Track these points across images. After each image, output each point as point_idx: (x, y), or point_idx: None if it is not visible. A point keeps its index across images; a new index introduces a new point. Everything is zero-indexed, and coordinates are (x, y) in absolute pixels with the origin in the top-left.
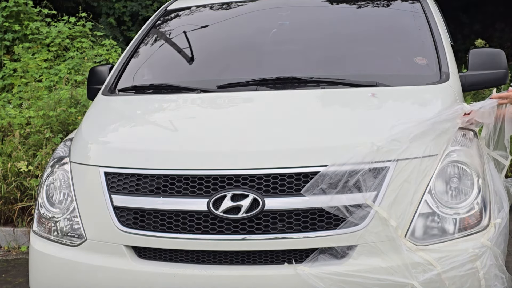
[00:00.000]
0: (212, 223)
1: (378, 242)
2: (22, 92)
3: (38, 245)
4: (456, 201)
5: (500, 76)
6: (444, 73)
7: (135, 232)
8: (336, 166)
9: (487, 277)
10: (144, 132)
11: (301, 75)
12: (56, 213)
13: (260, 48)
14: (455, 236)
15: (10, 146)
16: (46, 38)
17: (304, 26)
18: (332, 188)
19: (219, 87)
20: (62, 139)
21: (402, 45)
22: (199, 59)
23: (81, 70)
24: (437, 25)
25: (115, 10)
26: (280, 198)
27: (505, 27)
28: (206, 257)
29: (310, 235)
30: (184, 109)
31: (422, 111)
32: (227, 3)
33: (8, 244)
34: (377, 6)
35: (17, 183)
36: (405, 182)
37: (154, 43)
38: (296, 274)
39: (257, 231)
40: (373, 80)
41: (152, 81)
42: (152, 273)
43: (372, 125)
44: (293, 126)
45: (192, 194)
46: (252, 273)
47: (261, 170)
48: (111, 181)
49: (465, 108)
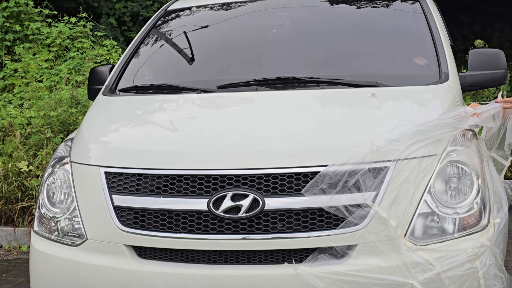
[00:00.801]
0: (212, 223)
1: (377, 242)
2: (23, 92)
3: (38, 245)
4: (455, 201)
5: (500, 76)
6: (443, 73)
7: (135, 232)
8: (336, 166)
9: (486, 277)
10: (145, 132)
11: (301, 75)
12: (57, 213)
13: (260, 48)
14: (454, 236)
15: (11, 146)
16: (46, 39)
17: (304, 27)
18: (332, 188)
19: (219, 87)
20: (63, 139)
21: (402, 45)
22: (199, 59)
23: (81, 70)
24: (436, 25)
25: (115, 10)
26: (280, 198)
27: (504, 28)
28: (206, 256)
29: (310, 235)
30: (185, 109)
31: (421, 111)
32: (227, 3)
33: (9, 244)
34: (377, 7)
35: (18, 183)
36: (405, 182)
37: (155, 43)
38: (296, 273)
39: (257, 231)
40: (373, 80)
41: (152, 81)
42: (153, 272)
43: (372, 125)
44: (293, 126)
45: (192, 194)
46: (252, 272)
47: (261, 170)
48: (111, 181)
49: (468, 111)
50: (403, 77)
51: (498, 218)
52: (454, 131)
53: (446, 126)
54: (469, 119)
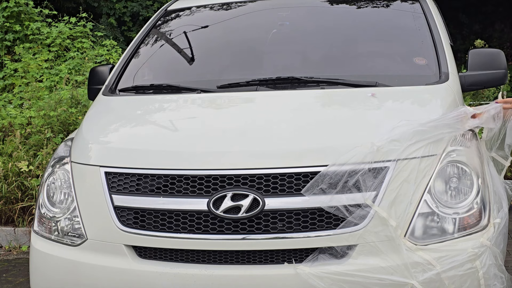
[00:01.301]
0: (212, 222)
1: (378, 242)
2: (23, 92)
3: (39, 245)
4: (455, 201)
5: (500, 76)
6: (443, 73)
7: (135, 232)
8: (336, 166)
9: (486, 277)
10: (145, 132)
11: (301, 75)
12: (57, 213)
13: (260, 48)
14: (454, 236)
15: (11, 146)
16: (46, 39)
17: (304, 27)
18: (332, 188)
19: (219, 87)
20: (63, 139)
21: (402, 45)
22: (199, 59)
23: (81, 70)
24: (436, 26)
25: (115, 10)
26: (280, 198)
27: (504, 28)
28: (206, 256)
29: (310, 235)
30: (185, 109)
31: (421, 111)
32: (227, 3)
33: (9, 244)
34: (377, 7)
35: (18, 183)
36: (405, 182)
37: (155, 43)
38: (296, 273)
39: (257, 231)
40: (373, 80)
41: (152, 81)
42: (153, 272)
43: (372, 125)
44: (293, 126)
45: (192, 194)
46: (252, 272)
47: (261, 170)
48: (111, 181)
49: (468, 111)
50: (403, 77)
51: (498, 218)
52: (454, 132)
53: (446, 126)
54: (470, 120)
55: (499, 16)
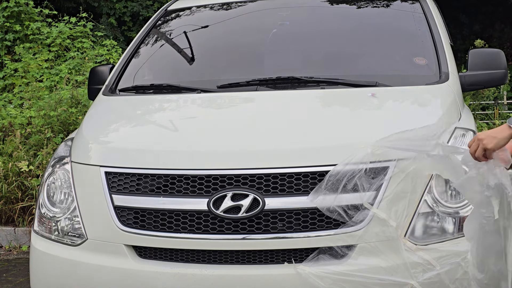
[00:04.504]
0: (212, 222)
1: (378, 242)
2: (23, 92)
3: (39, 245)
4: (455, 200)
5: (500, 76)
6: (443, 73)
7: (135, 232)
8: (336, 167)
9: None
10: (145, 132)
11: (301, 75)
12: (57, 213)
13: (260, 48)
14: (454, 236)
15: (11, 146)
16: (47, 38)
17: (304, 26)
18: (333, 191)
19: (219, 87)
20: (63, 139)
21: (402, 45)
22: (199, 59)
23: (81, 70)
24: (436, 25)
25: (115, 10)
26: (280, 198)
27: (504, 27)
28: (206, 256)
29: (310, 235)
30: (185, 109)
31: (421, 111)
32: (227, 3)
33: (9, 244)
34: (377, 7)
35: (18, 182)
36: (405, 182)
37: (155, 43)
38: (296, 273)
39: (257, 231)
40: (373, 80)
41: (152, 81)
42: (153, 272)
43: (372, 125)
44: (293, 126)
45: (192, 194)
46: (252, 272)
47: (261, 170)
48: (111, 181)
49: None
50: (403, 77)
51: None
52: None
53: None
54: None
55: (499, 16)
